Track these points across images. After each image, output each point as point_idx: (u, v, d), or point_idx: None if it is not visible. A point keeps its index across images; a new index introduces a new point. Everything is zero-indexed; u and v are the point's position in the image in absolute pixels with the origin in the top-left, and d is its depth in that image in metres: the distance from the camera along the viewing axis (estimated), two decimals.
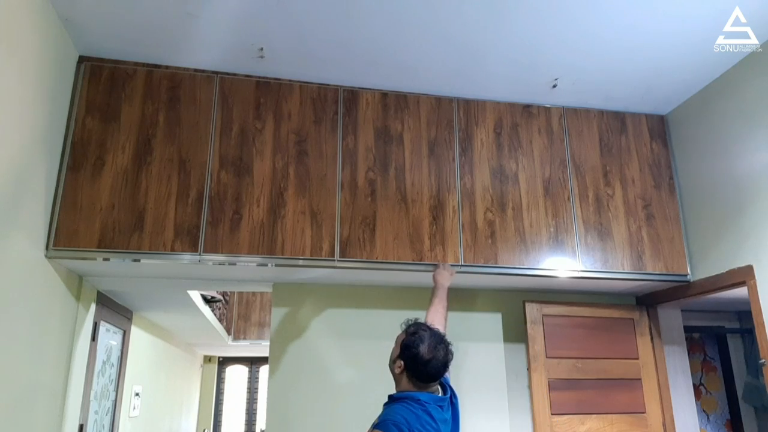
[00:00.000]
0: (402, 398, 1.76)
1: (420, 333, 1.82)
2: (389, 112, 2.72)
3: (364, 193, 2.58)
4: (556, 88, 2.76)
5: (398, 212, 2.58)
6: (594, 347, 2.91)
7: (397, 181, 2.62)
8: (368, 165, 2.62)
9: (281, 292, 2.87)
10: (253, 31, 2.35)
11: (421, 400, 1.75)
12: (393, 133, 2.69)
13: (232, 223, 2.41)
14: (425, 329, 1.84)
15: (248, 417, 8.06)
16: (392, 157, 2.66)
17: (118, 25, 2.32)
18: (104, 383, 3.37)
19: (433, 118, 2.75)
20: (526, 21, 2.29)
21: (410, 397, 1.75)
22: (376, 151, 2.65)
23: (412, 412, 1.70)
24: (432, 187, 2.64)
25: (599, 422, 2.80)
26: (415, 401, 1.74)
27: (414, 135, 2.71)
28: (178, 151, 2.46)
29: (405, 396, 1.76)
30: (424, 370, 1.76)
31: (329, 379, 2.77)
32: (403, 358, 1.78)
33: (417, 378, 1.78)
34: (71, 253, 2.27)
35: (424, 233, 2.57)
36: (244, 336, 6.22)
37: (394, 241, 2.53)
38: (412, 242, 2.54)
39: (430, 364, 1.76)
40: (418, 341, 1.78)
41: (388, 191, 2.60)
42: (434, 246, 2.56)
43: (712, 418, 3.52)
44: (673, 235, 2.80)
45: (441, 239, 2.57)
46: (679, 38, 2.40)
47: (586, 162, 2.84)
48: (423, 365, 1.76)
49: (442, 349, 1.79)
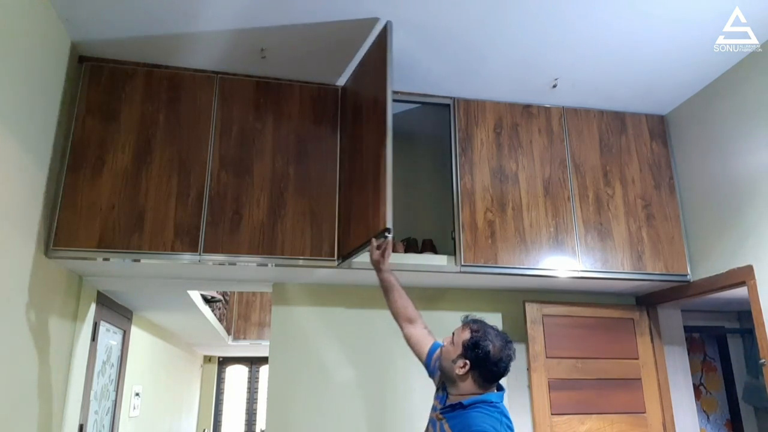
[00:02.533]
0: (476, 403, 1.65)
1: (487, 330, 1.70)
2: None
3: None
4: (556, 88, 2.76)
5: None
6: (594, 347, 2.91)
7: None
8: None
9: (281, 292, 2.87)
10: (253, 31, 2.34)
11: (494, 402, 1.66)
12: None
13: (232, 223, 2.41)
14: (489, 327, 1.72)
15: (248, 417, 8.06)
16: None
17: (118, 25, 2.32)
18: (104, 383, 3.37)
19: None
20: (526, 21, 2.29)
21: (485, 401, 1.65)
22: None
23: (494, 418, 1.61)
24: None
25: (599, 422, 2.80)
26: (490, 404, 1.65)
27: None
28: (178, 151, 2.46)
29: (479, 401, 1.65)
30: (495, 370, 1.66)
31: (329, 379, 2.77)
32: (469, 358, 1.66)
33: (484, 378, 1.67)
34: (71, 253, 2.27)
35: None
36: (244, 336, 6.22)
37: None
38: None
39: (501, 362, 1.66)
40: (488, 339, 1.66)
41: None
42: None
43: (712, 418, 3.52)
44: (673, 235, 2.80)
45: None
46: (679, 38, 2.40)
47: (586, 162, 2.84)
48: (494, 364, 1.65)
49: (510, 347, 1.70)
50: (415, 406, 2.76)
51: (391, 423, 2.74)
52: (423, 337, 1.97)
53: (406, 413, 2.76)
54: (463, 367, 1.67)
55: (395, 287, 2.05)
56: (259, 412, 8.02)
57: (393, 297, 2.04)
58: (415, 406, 2.76)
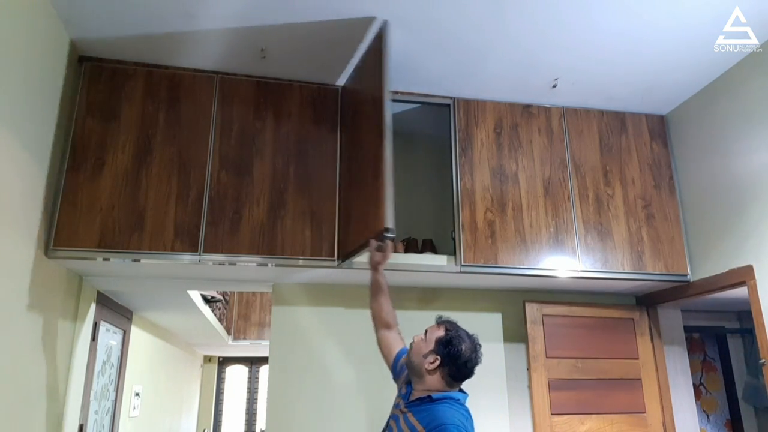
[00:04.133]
0: (444, 399, 1.71)
1: (460, 331, 1.78)
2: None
3: None
4: (556, 88, 2.76)
5: None
6: (594, 347, 2.91)
7: None
8: None
9: (281, 292, 2.87)
10: (254, 31, 2.35)
11: (460, 401, 1.73)
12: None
13: (232, 223, 2.41)
14: (462, 329, 1.80)
15: (248, 417, 8.06)
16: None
17: (118, 25, 2.32)
18: (104, 383, 3.37)
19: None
20: (526, 21, 2.29)
21: (451, 398, 1.72)
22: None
23: (461, 414, 1.68)
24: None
25: (599, 422, 2.80)
26: (457, 401, 1.72)
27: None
28: (178, 151, 2.46)
29: (447, 397, 1.72)
30: (463, 369, 1.73)
31: (329, 379, 2.77)
32: (440, 354, 1.72)
33: (452, 377, 1.73)
34: (71, 253, 2.27)
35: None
36: (244, 336, 6.22)
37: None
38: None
39: (469, 362, 1.73)
40: (460, 339, 1.74)
41: None
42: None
43: (712, 418, 3.52)
44: (673, 235, 2.80)
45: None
46: (679, 38, 2.40)
47: (586, 162, 2.84)
48: (463, 364, 1.72)
49: (478, 350, 1.77)
50: None
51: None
52: (395, 341, 2.06)
53: None
54: (433, 363, 1.73)
55: (384, 291, 2.12)
56: (259, 412, 8.03)
57: (380, 300, 2.11)
58: None
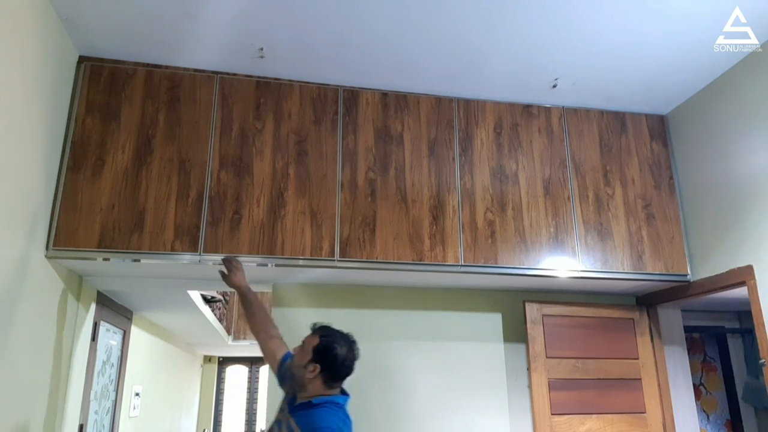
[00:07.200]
0: (324, 403, 1.78)
1: (333, 334, 1.86)
2: (389, 112, 2.72)
3: (364, 193, 2.58)
4: (556, 88, 2.76)
5: (398, 212, 2.58)
6: (594, 347, 2.91)
7: (397, 181, 2.62)
8: (368, 165, 2.62)
9: (281, 292, 2.87)
10: (253, 31, 2.35)
11: (340, 404, 1.80)
12: (393, 133, 2.69)
13: (232, 223, 2.41)
14: (336, 331, 1.88)
15: (248, 417, 8.06)
16: (392, 157, 2.66)
17: (118, 25, 2.32)
18: (104, 383, 3.37)
19: (434, 118, 2.75)
20: (526, 21, 2.29)
21: (331, 402, 1.79)
22: (376, 151, 2.65)
23: (338, 417, 1.75)
24: (432, 187, 2.64)
25: (599, 422, 2.80)
26: (336, 405, 1.79)
27: (414, 135, 2.71)
28: (178, 151, 2.46)
29: (327, 401, 1.79)
30: (342, 369, 1.82)
31: None
32: (319, 361, 1.79)
33: (332, 379, 1.81)
34: (71, 253, 2.27)
35: (424, 233, 2.57)
36: (244, 336, 6.21)
37: (394, 241, 2.53)
38: (412, 242, 2.54)
39: (347, 361, 1.82)
40: (335, 343, 1.82)
41: (388, 191, 2.60)
42: (434, 246, 2.56)
43: (712, 418, 3.52)
44: (673, 235, 2.80)
45: (441, 239, 2.57)
46: (679, 38, 2.40)
47: (586, 162, 2.84)
48: (341, 365, 1.81)
49: (354, 347, 1.85)
50: (416, 406, 2.76)
51: (391, 423, 2.73)
52: (277, 347, 2.10)
53: (407, 413, 2.75)
54: (313, 371, 1.79)
55: (252, 302, 2.22)
56: (259, 412, 8.02)
57: (252, 312, 2.19)
58: (416, 406, 2.76)
